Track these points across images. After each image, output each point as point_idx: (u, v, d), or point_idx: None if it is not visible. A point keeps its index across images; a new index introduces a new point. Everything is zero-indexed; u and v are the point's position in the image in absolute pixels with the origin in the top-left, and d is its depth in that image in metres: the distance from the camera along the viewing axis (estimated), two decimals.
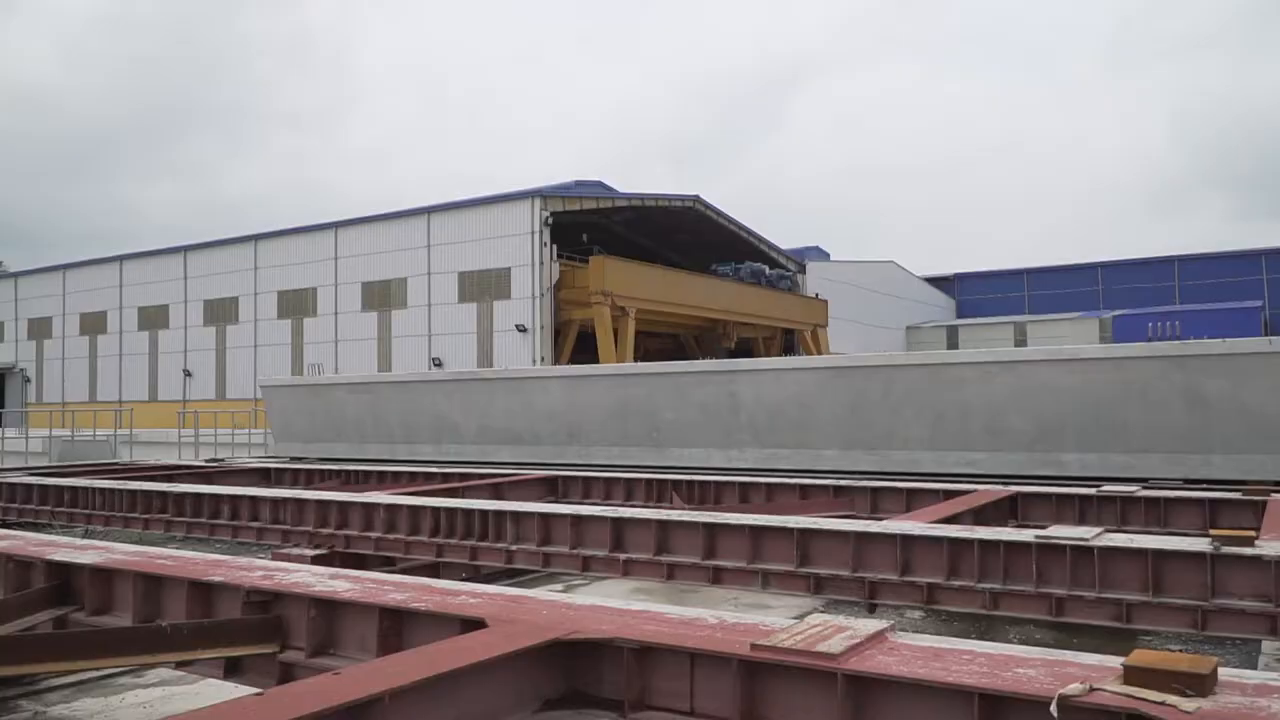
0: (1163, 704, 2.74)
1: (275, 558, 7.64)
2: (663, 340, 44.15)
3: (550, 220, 35.14)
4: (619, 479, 11.72)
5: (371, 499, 9.20)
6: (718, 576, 7.14)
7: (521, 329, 35.41)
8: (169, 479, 12.28)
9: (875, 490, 9.92)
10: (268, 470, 15.09)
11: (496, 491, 11.10)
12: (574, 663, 3.78)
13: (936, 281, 70.48)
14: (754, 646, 3.37)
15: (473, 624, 3.91)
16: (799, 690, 3.33)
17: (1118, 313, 58.06)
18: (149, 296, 51.65)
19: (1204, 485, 9.56)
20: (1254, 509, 8.01)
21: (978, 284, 72.58)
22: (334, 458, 16.45)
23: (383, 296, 41.18)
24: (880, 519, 8.23)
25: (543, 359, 34.65)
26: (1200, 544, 5.78)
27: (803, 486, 10.41)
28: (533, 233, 35.15)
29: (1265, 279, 60.99)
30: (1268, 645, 7.32)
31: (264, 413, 20.99)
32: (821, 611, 7.29)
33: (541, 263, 35.06)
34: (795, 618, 3.88)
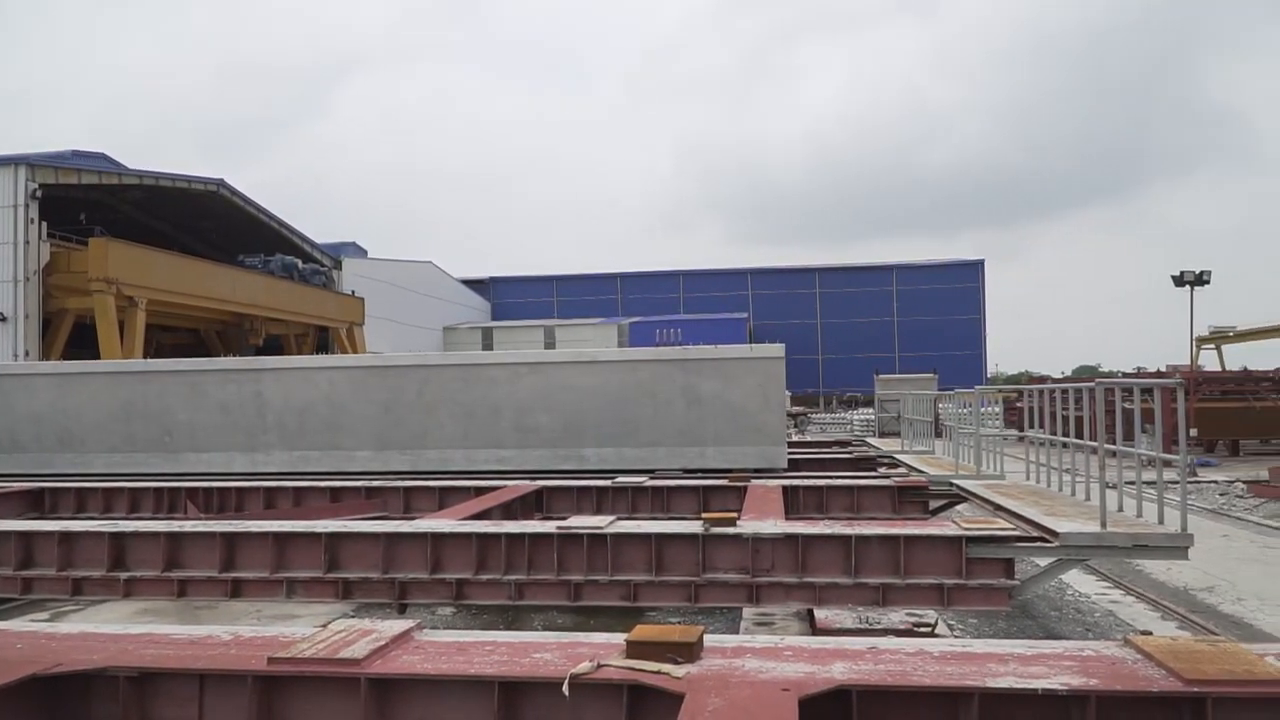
0: (658, 672, 3.06)
1: None
2: (179, 335, 40.36)
3: (39, 194, 30.44)
4: (122, 489, 10.53)
5: None
6: (238, 589, 6.70)
7: None
8: None
9: (408, 490, 9.94)
10: None
11: None
12: (58, 699, 3.34)
13: (473, 284, 72.37)
14: (271, 660, 3.20)
15: None
16: (322, 699, 3.23)
17: (633, 319, 63.96)
18: None
19: (699, 474, 10.87)
20: (738, 494, 9.25)
21: (512, 288, 75.80)
22: None
23: None
24: (413, 518, 8.25)
25: (27, 354, 29.94)
26: (694, 526, 6.55)
27: (334, 489, 10.13)
28: (15, 206, 30.17)
29: (751, 294, 70.94)
30: (748, 611, 8.51)
31: None
32: (351, 616, 7.13)
33: (27, 242, 30.21)
34: (321, 625, 3.74)
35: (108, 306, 29.99)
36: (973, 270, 68.49)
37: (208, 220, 41.71)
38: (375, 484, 10.23)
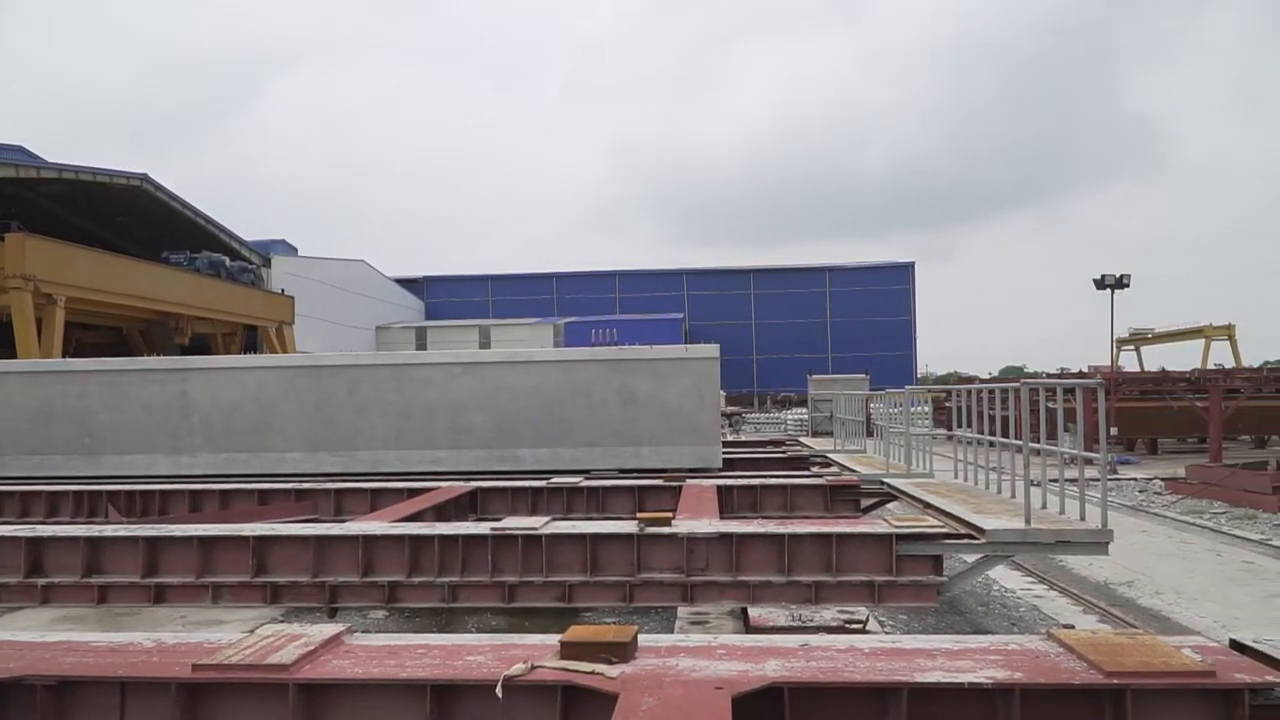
0: (592, 673, 3.05)
1: None
2: (101, 334, 39.16)
3: None
4: (39, 492, 10.21)
5: None
6: (161, 594, 6.53)
7: None
8: None
9: (340, 491, 9.79)
10: None
11: None
12: None
13: (406, 283, 71.47)
14: (196, 667, 3.13)
15: None
16: (249, 706, 3.16)
17: (568, 319, 63.80)
18: None
19: (635, 474, 10.88)
20: (673, 493, 9.28)
21: (446, 287, 75.06)
22: None
23: None
24: (344, 520, 8.13)
25: None
26: (629, 526, 6.55)
27: (262, 491, 9.93)
28: None
29: (686, 294, 71.27)
30: (682, 610, 8.53)
31: None
32: (280, 621, 6.98)
33: None
34: (249, 630, 3.66)
35: (24, 304, 28.98)
36: (903, 272, 69.71)
37: (130, 216, 40.56)
38: (305, 486, 10.06)
